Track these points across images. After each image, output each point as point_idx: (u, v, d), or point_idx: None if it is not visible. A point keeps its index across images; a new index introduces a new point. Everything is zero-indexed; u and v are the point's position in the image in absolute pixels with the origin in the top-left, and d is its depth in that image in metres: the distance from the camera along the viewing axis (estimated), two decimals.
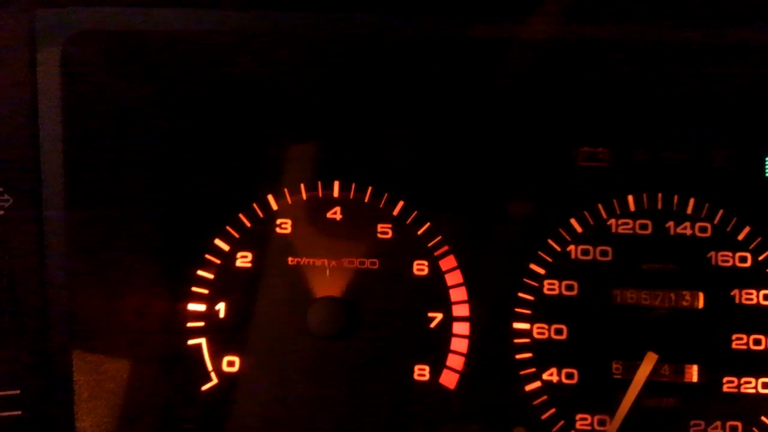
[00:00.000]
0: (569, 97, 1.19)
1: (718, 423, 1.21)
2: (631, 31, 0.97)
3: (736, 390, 1.21)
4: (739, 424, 1.21)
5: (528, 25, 0.95)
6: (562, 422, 1.24)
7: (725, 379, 1.21)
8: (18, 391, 1.02)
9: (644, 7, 0.95)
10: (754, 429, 1.21)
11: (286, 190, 1.30)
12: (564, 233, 1.26)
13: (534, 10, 0.93)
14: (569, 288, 1.25)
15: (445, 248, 1.27)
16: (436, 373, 1.26)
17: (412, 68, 1.11)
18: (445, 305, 1.26)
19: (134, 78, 1.12)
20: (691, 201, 1.24)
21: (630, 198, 1.25)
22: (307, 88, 1.21)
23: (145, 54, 1.06)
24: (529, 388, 1.24)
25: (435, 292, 1.27)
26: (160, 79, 1.14)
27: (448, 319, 1.26)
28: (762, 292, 1.22)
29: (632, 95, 1.18)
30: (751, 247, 1.23)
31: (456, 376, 1.25)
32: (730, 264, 1.23)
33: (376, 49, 1.06)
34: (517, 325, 1.25)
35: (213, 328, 1.28)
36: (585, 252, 1.25)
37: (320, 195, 1.30)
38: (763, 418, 1.21)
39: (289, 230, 1.30)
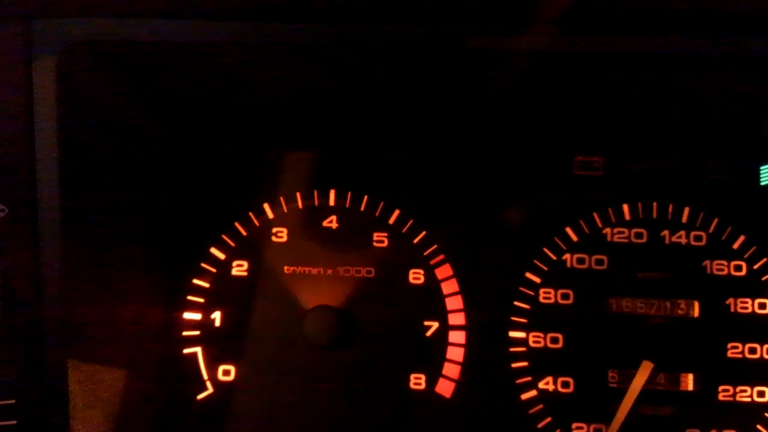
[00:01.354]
0: (564, 106, 1.20)
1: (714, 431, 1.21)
2: (625, 43, 0.97)
3: (731, 399, 1.21)
4: None
5: (523, 37, 0.95)
6: (558, 431, 1.24)
7: (721, 388, 1.21)
8: (14, 401, 1.02)
9: (638, 19, 0.95)
10: None
11: (281, 198, 1.30)
12: (559, 242, 1.26)
13: (529, 22, 0.93)
14: (565, 297, 1.25)
15: (441, 257, 1.27)
16: (432, 382, 1.26)
17: (408, 78, 1.11)
18: (441, 314, 1.26)
19: (130, 88, 1.12)
20: (686, 210, 1.24)
21: (625, 207, 1.26)
22: (303, 97, 1.21)
23: (141, 64, 1.06)
24: (525, 396, 1.24)
25: (431, 300, 1.27)
26: (156, 89, 1.14)
27: (444, 328, 1.26)
28: (757, 301, 1.22)
29: (627, 105, 1.18)
30: (746, 255, 1.23)
31: (452, 385, 1.25)
32: (725, 273, 1.23)
33: (372, 59, 1.06)
34: (513, 334, 1.25)
35: (209, 337, 1.28)
36: (580, 261, 1.25)
37: (316, 203, 1.30)
38: (759, 427, 1.21)
39: (285, 239, 1.30)
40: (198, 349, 1.28)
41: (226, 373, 1.28)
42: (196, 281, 1.29)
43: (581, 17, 0.95)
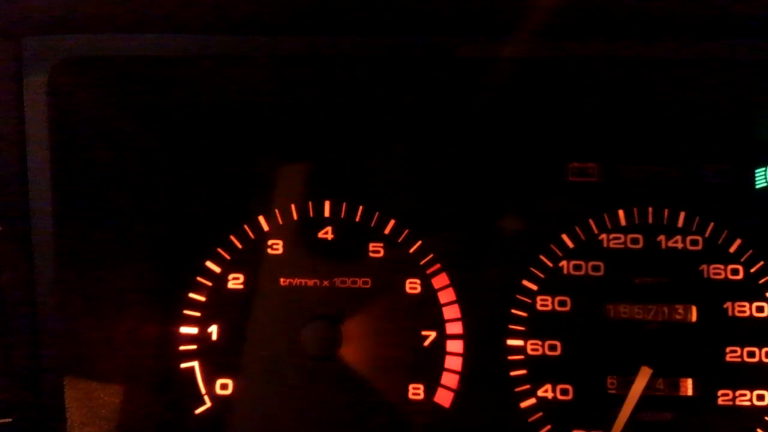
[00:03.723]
0: (558, 113, 1.19)
1: None
2: (617, 48, 0.97)
3: (731, 403, 1.21)
4: None
5: (514, 44, 0.95)
6: None
7: (720, 392, 1.21)
8: (10, 420, 1.02)
9: (630, 25, 0.95)
10: None
11: (276, 210, 1.30)
12: (556, 249, 1.26)
13: (519, 29, 0.93)
14: (562, 303, 1.25)
15: (438, 266, 1.27)
16: (430, 391, 1.25)
17: (401, 88, 1.11)
18: (439, 323, 1.26)
19: (121, 103, 1.12)
20: (682, 214, 1.24)
21: (621, 212, 1.26)
22: (296, 109, 1.21)
23: (133, 79, 1.06)
24: (524, 405, 1.24)
25: (428, 310, 1.26)
26: (148, 103, 1.14)
27: (442, 337, 1.26)
28: (755, 305, 1.22)
29: (621, 110, 1.18)
30: (743, 259, 1.23)
31: (451, 395, 1.25)
32: (722, 277, 1.23)
33: (364, 70, 1.06)
34: (510, 342, 1.25)
35: (206, 350, 1.28)
36: (577, 267, 1.25)
37: (311, 215, 1.30)
38: (759, 430, 1.20)
39: (280, 251, 1.29)
40: (195, 363, 1.28)
41: (224, 387, 1.28)
42: (191, 295, 1.29)
43: (572, 23, 0.95)
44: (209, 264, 1.30)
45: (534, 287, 1.25)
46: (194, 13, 0.96)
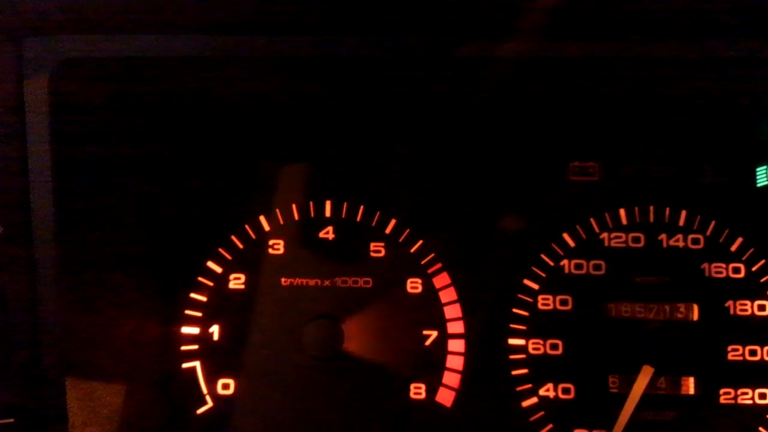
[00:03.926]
0: (559, 112, 1.20)
1: None
2: (617, 48, 0.97)
3: (733, 401, 1.21)
4: None
5: (513, 44, 0.95)
6: None
7: (722, 391, 1.21)
8: (12, 420, 1.02)
9: (630, 24, 0.95)
10: None
11: (277, 210, 1.30)
12: (557, 248, 1.26)
13: (519, 28, 0.93)
14: (564, 303, 1.25)
15: (439, 265, 1.27)
16: (432, 391, 1.25)
17: (401, 87, 1.11)
18: (440, 322, 1.26)
19: (122, 104, 1.12)
20: (683, 213, 1.24)
21: (622, 211, 1.25)
22: (297, 108, 1.21)
23: (133, 79, 1.06)
24: (526, 404, 1.24)
25: (429, 309, 1.26)
26: (149, 104, 1.14)
27: (443, 337, 1.26)
28: (756, 303, 1.22)
29: (621, 109, 1.18)
30: (744, 257, 1.23)
31: (452, 394, 1.25)
32: (723, 275, 1.23)
33: (365, 70, 1.06)
34: (512, 341, 1.25)
35: (207, 350, 1.28)
36: (578, 266, 1.25)
37: (312, 215, 1.30)
38: (761, 429, 1.20)
39: (281, 251, 1.29)
40: (197, 363, 1.28)
41: (226, 386, 1.28)
42: (193, 295, 1.29)
43: (572, 23, 0.95)
44: (210, 264, 1.30)
45: (535, 286, 1.25)
46: (194, 13, 0.96)
